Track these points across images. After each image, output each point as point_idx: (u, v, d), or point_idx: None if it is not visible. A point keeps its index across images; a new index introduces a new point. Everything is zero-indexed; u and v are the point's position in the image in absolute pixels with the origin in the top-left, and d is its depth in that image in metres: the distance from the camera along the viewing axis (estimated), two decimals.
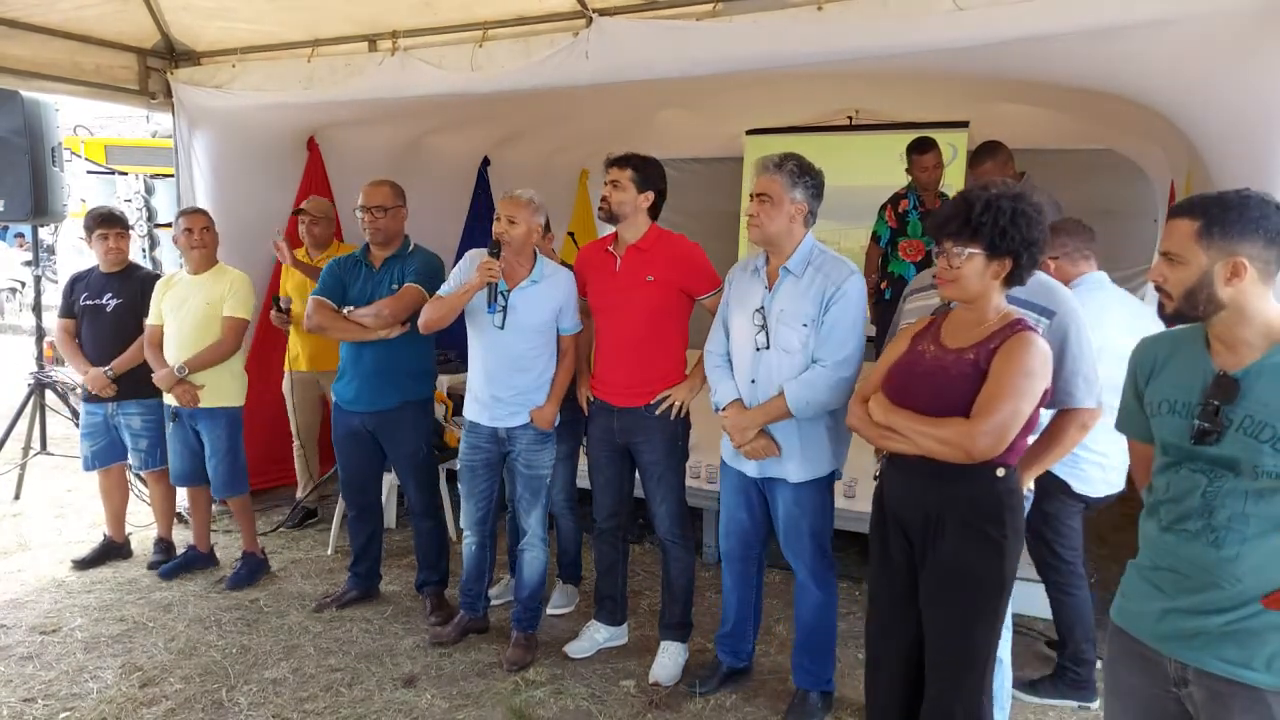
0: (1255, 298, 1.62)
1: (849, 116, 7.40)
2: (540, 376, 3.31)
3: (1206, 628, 1.65)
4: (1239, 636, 1.61)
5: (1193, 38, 2.84)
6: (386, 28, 4.11)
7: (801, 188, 2.76)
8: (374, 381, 3.58)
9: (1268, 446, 1.57)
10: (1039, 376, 2.12)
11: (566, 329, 3.33)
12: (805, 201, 2.77)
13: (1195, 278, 1.64)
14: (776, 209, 2.76)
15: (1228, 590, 1.63)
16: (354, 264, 3.65)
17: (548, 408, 3.32)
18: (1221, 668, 1.63)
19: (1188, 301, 1.67)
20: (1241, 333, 1.64)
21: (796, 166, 2.76)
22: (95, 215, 4.12)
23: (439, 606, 3.77)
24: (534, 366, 3.29)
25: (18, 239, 15.09)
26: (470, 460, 3.41)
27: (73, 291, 4.18)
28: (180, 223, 3.99)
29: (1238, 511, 1.61)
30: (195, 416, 3.98)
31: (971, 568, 2.19)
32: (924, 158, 4.86)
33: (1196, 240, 1.63)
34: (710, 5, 3.42)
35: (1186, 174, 4.63)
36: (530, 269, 3.25)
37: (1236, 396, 1.62)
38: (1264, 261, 1.61)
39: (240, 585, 4.06)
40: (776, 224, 2.77)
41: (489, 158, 6.59)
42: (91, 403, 4.17)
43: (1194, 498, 1.68)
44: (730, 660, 3.23)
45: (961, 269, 2.14)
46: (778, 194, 2.75)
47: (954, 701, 2.25)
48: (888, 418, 2.23)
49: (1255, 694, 1.60)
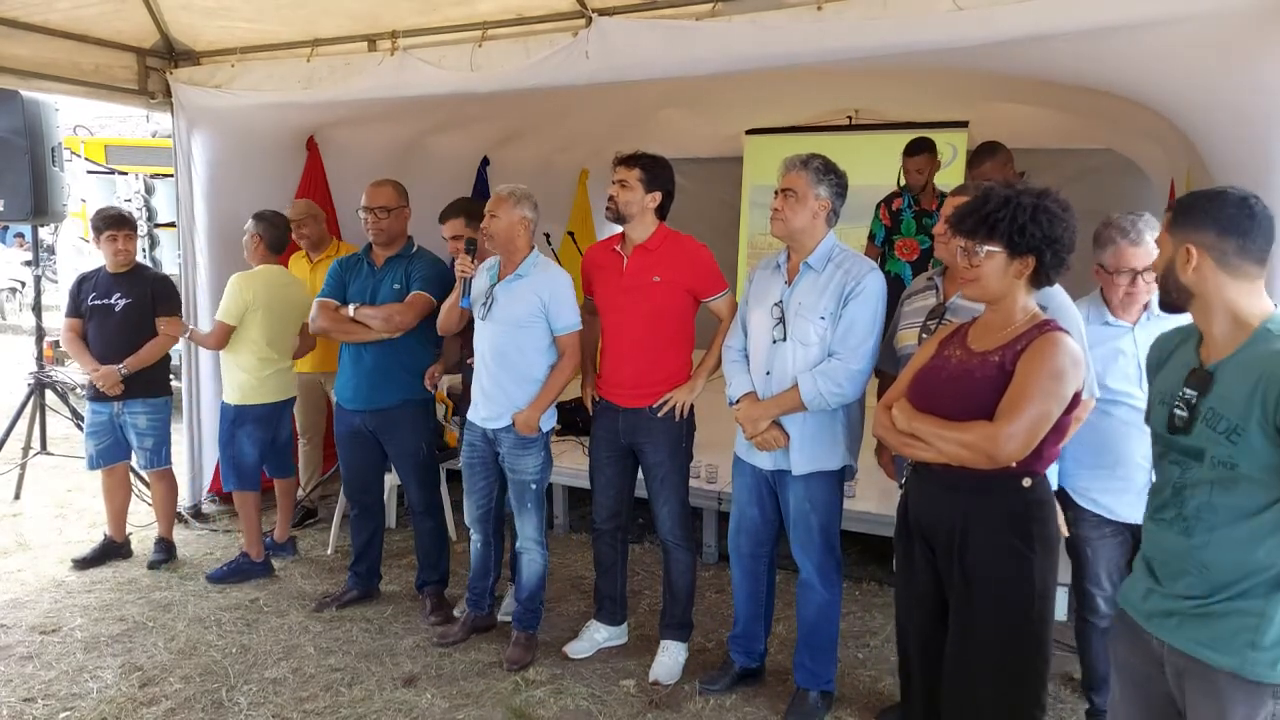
0: (1217, 286, 1.69)
1: (849, 116, 7.40)
2: (524, 376, 3.24)
3: (1179, 609, 1.73)
4: (1205, 619, 1.69)
5: (1192, 37, 2.84)
6: (386, 27, 4.11)
7: (826, 185, 2.79)
8: (375, 380, 3.59)
9: (1223, 438, 1.63)
10: (1068, 378, 2.03)
11: (560, 328, 3.23)
12: (829, 199, 2.80)
13: (1164, 265, 1.76)
14: (801, 204, 2.78)
15: (1196, 577, 1.70)
16: (355, 262, 3.67)
17: (530, 412, 3.22)
18: (1187, 645, 1.71)
19: (1163, 289, 1.78)
20: (1211, 324, 1.71)
21: (822, 165, 2.80)
22: (105, 216, 4.15)
23: (439, 606, 3.77)
24: (517, 363, 3.24)
25: (17, 239, 15.08)
26: (468, 458, 3.43)
27: (80, 291, 4.19)
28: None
29: (1205, 501, 1.67)
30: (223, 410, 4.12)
31: (997, 582, 2.11)
32: (912, 160, 4.87)
33: (1167, 230, 1.76)
34: (710, 5, 3.42)
35: (1186, 173, 4.63)
36: (519, 264, 3.25)
37: (1209, 389, 1.68)
38: (1220, 251, 1.67)
39: (223, 579, 4.09)
40: (800, 219, 2.79)
41: (488, 158, 6.58)
42: (97, 401, 4.17)
43: (1169, 488, 1.76)
44: (743, 660, 3.22)
45: (981, 267, 2.10)
46: (803, 190, 2.77)
47: (996, 716, 2.17)
48: (910, 424, 2.16)
49: (1208, 672, 1.68)
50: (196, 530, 4.76)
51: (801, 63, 3.43)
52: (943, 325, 2.64)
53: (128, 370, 4.07)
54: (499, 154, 6.62)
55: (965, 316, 2.57)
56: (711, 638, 3.57)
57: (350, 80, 4.22)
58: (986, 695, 2.17)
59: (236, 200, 4.73)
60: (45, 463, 5.52)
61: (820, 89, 6.26)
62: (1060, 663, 3.27)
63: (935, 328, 2.65)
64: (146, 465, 4.30)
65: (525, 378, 3.26)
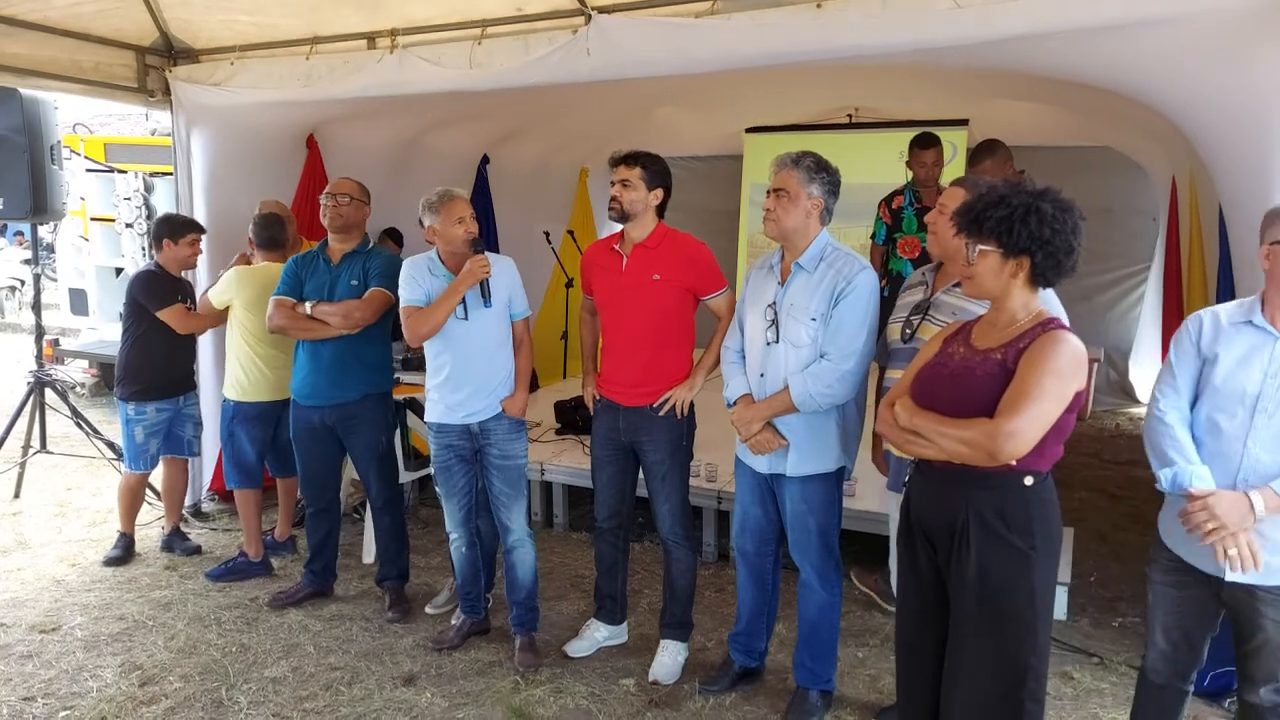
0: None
1: (848, 114, 7.40)
2: (506, 365, 3.34)
3: None
4: None
5: (1193, 36, 2.84)
6: (385, 25, 4.10)
7: (819, 184, 2.77)
8: (334, 375, 3.60)
9: None
10: (1069, 377, 2.03)
11: (517, 314, 3.36)
12: (821, 198, 2.78)
13: None
14: (794, 204, 2.76)
15: None
16: (312, 259, 3.66)
17: (519, 395, 3.34)
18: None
19: None
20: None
21: (814, 163, 2.78)
22: (187, 220, 4.35)
23: (397, 602, 3.80)
24: (499, 354, 3.31)
25: (17, 237, 15.07)
26: (444, 460, 3.37)
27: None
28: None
29: None
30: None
31: (998, 580, 2.11)
32: (925, 153, 4.84)
33: None
34: (709, 3, 3.41)
35: (1188, 173, 4.63)
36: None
37: None
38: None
39: (222, 578, 4.11)
40: (793, 219, 2.77)
41: (488, 156, 6.59)
42: (162, 400, 4.26)
43: None
44: (743, 660, 3.22)
45: (976, 266, 2.10)
46: (795, 189, 2.76)
47: (996, 714, 2.17)
48: (912, 421, 2.16)
49: None
50: (196, 529, 4.75)
51: (801, 61, 3.42)
52: (927, 321, 2.65)
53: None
54: (499, 152, 6.63)
55: (948, 312, 2.58)
56: (711, 637, 3.57)
57: (350, 78, 4.22)
58: (986, 693, 2.17)
59: (236, 198, 4.73)
60: (45, 461, 5.53)
61: (820, 87, 6.27)
62: (1058, 661, 3.29)
63: (918, 323, 2.66)
64: (190, 453, 4.50)
65: (506, 368, 3.34)
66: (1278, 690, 2.25)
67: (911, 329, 2.70)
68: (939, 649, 2.27)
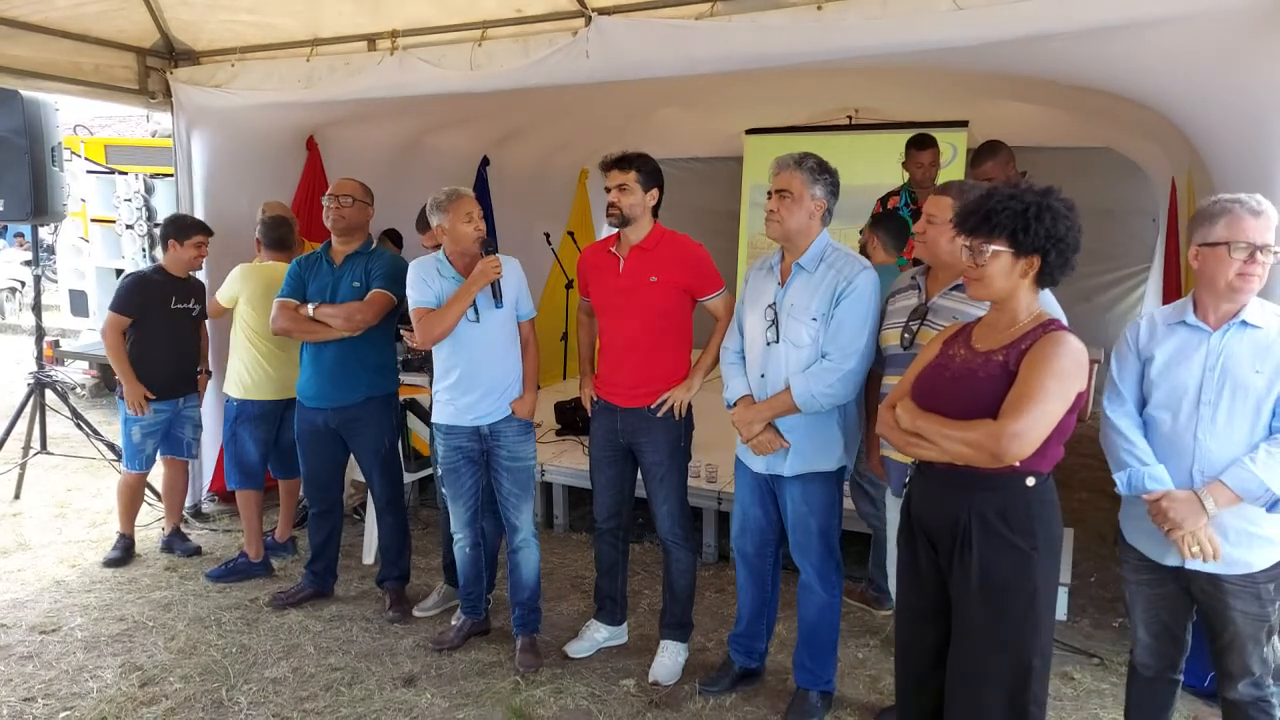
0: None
1: (849, 116, 7.41)
2: (515, 366, 3.34)
3: None
4: None
5: (1193, 37, 2.84)
6: (386, 27, 4.11)
7: (822, 185, 2.77)
8: (337, 378, 3.60)
9: None
10: (1071, 378, 2.03)
11: (524, 315, 3.36)
12: (825, 199, 2.79)
13: None
14: (797, 205, 2.76)
15: None
16: (314, 261, 3.67)
17: (528, 397, 3.35)
18: None
19: None
20: None
21: (816, 164, 2.78)
22: (194, 222, 4.34)
23: (397, 602, 3.81)
24: (509, 355, 3.32)
25: (17, 238, 15.08)
26: (452, 461, 3.36)
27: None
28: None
29: None
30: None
31: (1000, 581, 2.11)
32: (922, 154, 4.84)
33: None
34: (709, 4, 3.41)
35: (1187, 173, 4.63)
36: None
37: None
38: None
39: (222, 579, 4.11)
40: (796, 219, 2.77)
41: (488, 157, 6.59)
42: (161, 400, 4.26)
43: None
44: (743, 660, 3.22)
45: (986, 267, 2.09)
46: (799, 190, 2.76)
47: (998, 716, 2.17)
48: (914, 423, 2.16)
49: None
50: (196, 530, 4.75)
51: (801, 62, 3.43)
52: (925, 326, 2.63)
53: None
54: (498, 154, 6.63)
55: (947, 316, 2.57)
56: (711, 638, 3.58)
57: (350, 79, 4.22)
58: (987, 694, 2.17)
59: (236, 200, 4.74)
60: (45, 462, 5.53)
61: (820, 88, 6.27)
62: (1059, 662, 3.28)
63: (917, 328, 2.64)
64: (189, 455, 4.50)
65: (514, 368, 3.34)
66: (1255, 684, 2.29)
67: (911, 335, 2.68)
68: (939, 650, 2.27)
